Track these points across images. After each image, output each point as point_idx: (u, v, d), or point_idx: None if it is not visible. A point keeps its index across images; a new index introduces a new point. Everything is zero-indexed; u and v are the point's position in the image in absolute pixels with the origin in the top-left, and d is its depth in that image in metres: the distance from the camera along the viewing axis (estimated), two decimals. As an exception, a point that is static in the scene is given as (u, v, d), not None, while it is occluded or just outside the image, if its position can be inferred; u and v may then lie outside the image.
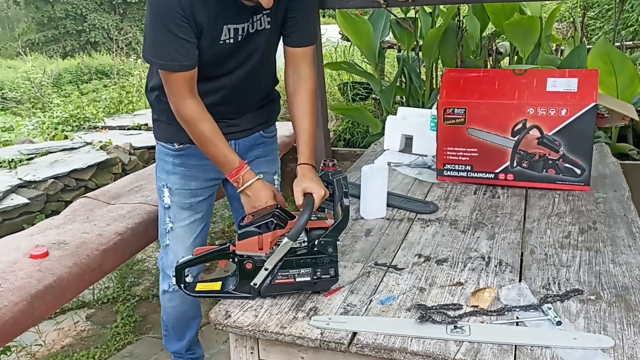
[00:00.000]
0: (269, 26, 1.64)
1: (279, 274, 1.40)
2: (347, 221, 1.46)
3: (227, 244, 1.45)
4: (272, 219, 1.42)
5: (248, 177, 1.61)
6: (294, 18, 1.67)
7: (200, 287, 1.51)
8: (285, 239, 1.37)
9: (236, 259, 1.43)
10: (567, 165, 1.95)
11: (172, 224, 1.86)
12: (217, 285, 1.48)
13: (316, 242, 1.40)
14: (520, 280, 1.38)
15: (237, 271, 1.45)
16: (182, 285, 1.48)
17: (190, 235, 1.88)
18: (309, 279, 1.40)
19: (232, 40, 1.58)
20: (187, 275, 1.48)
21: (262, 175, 1.65)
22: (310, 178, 1.57)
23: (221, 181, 1.93)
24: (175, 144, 1.79)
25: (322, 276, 1.41)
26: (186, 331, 2.09)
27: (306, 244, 1.41)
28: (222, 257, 1.47)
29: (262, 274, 1.40)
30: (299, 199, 1.52)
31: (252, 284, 1.40)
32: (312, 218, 1.43)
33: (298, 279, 1.40)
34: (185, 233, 1.88)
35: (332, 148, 4.13)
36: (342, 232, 1.46)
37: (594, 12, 9.46)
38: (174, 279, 1.80)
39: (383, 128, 2.69)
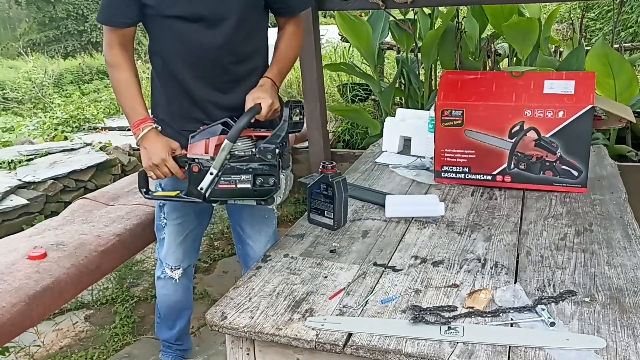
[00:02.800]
0: None
1: (222, 179, 1.51)
2: (286, 129, 1.54)
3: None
4: (220, 125, 1.57)
5: (147, 128, 1.67)
6: None
7: (158, 194, 1.71)
8: (225, 141, 1.49)
9: (187, 164, 1.57)
10: (564, 167, 1.96)
11: (166, 221, 1.92)
12: (173, 193, 1.66)
13: (255, 149, 1.50)
14: (515, 282, 1.39)
15: (188, 177, 1.58)
16: (144, 190, 1.68)
17: (182, 233, 1.94)
18: (249, 185, 1.50)
19: None
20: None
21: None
22: (265, 89, 1.66)
23: None
24: None
25: (263, 185, 1.49)
26: (177, 320, 2.16)
27: (248, 152, 1.52)
28: (179, 163, 1.62)
29: (208, 178, 1.53)
30: (247, 106, 1.61)
31: (198, 188, 1.53)
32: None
33: (239, 185, 1.51)
34: (177, 230, 1.93)
35: (331, 149, 4.14)
36: (283, 140, 1.52)
37: (593, 13, 9.47)
38: (167, 270, 1.95)
39: (382, 130, 2.69)
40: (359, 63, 5.76)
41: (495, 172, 2.04)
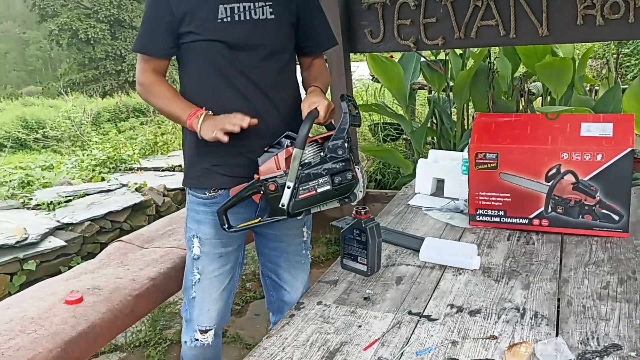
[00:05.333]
0: (272, 16, 1.67)
1: (301, 188, 1.49)
2: (348, 121, 1.53)
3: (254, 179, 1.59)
4: (283, 139, 1.57)
5: (204, 113, 1.63)
6: (303, 20, 1.77)
7: (240, 226, 1.65)
8: (294, 150, 1.48)
9: (262, 188, 1.54)
10: (604, 211, 1.91)
11: (200, 276, 1.79)
12: (255, 221, 1.62)
13: (323, 153, 1.50)
14: (557, 334, 1.34)
15: (266, 200, 1.56)
16: (226, 227, 1.63)
17: (218, 287, 1.82)
18: (329, 187, 1.49)
19: (229, 19, 1.61)
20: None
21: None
22: (316, 94, 1.69)
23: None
24: (206, 192, 1.75)
25: (342, 182, 1.49)
26: None
27: (320, 157, 1.51)
28: (254, 190, 1.59)
29: (286, 193, 1.51)
30: (304, 114, 1.61)
31: (280, 205, 1.51)
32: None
33: (319, 190, 1.50)
34: (212, 285, 1.81)
35: (363, 190, 4.12)
36: (348, 134, 1.53)
37: (628, 48, 9.38)
38: (197, 333, 1.82)
39: (414, 169, 2.68)
40: (391, 103, 5.79)
41: (531, 216, 2.00)
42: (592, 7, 2.92)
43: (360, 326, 1.44)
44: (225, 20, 1.61)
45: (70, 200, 4.08)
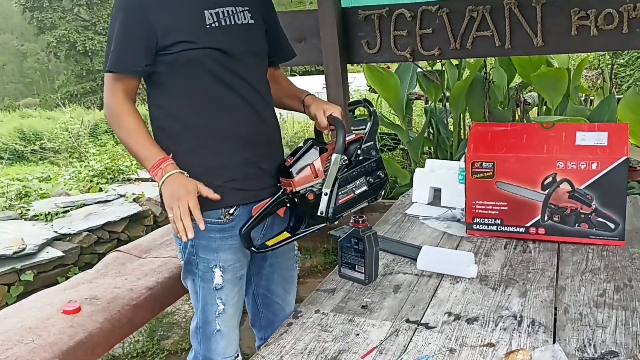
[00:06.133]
0: (252, 21, 1.63)
1: (340, 192, 1.51)
2: (377, 123, 1.60)
3: (279, 193, 1.55)
4: (314, 146, 1.54)
5: (170, 168, 1.50)
6: (269, 29, 1.72)
7: (270, 242, 1.58)
8: (335, 155, 1.48)
9: (296, 199, 1.51)
10: (600, 219, 1.92)
11: (224, 305, 1.64)
12: (285, 235, 1.57)
13: (359, 152, 1.53)
14: (554, 342, 1.35)
15: (302, 210, 1.54)
16: (254, 248, 1.56)
17: (238, 312, 1.70)
18: (366, 187, 1.55)
19: (216, 24, 1.55)
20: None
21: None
22: (321, 101, 1.69)
23: None
24: (221, 215, 1.58)
25: (375, 181, 1.55)
26: None
27: (347, 161, 1.54)
28: (279, 205, 1.55)
29: (324, 200, 1.51)
30: (323, 121, 1.62)
31: (318, 214, 1.50)
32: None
33: (357, 191, 1.55)
34: (235, 312, 1.69)
35: (361, 199, 4.13)
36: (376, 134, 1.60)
37: (623, 59, 9.44)
38: None
39: (411, 179, 2.69)
40: (388, 113, 5.82)
41: (528, 224, 2.01)
42: (586, 18, 2.95)
43: (358, 334, 1.44)
44: (213, 25, 1.54)
45: (67, 211, 4.08)
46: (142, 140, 1.54)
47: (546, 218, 1.98)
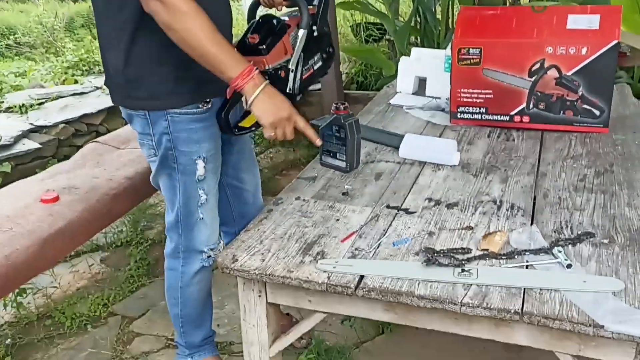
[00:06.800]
0: None
1: (304, 69, 1.56)
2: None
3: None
4: (280, 22, 1.55)
5: (261, 80, 1.39)
6: None
7: (244, 124, 1.61)
8: (302, 31, 1.50)
9: (266, 77, 1.46)
10: (585, 106, 1.89)
11: (207, 195, 1.65)
12: (252, 121, 1.58)
13: (315, 27, 1.56)
14: (532, 224, 1.36)
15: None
16: (235, 130, 1.60)
17: (216, 200, 1.72)
18: (321, 63, 1.60)
19: None
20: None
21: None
22: None
23: None
24: (199, 105, 1.55)
25: (326, 56, 1.61)
26: (205, 314, 1.89)
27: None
28: None
29: (291, 77, 1.53)
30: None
31: (287, 91, 1.52)
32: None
33: (315, 67, 1.60)
34: (215, 201, 1.70)
35: (345, 91, 4.06)
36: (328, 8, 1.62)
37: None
38: (205, 254, 1.72)
39: (396, 70, 2.61)
40: (374, 1, 5.58)
41: (513, 113, 1.98)
42: None
43: (338, 220, 1.44)
44: None
45: (43, 103, 3.97)
46: (224, 43, 1.36)
47: (531, 106, 1.94)
